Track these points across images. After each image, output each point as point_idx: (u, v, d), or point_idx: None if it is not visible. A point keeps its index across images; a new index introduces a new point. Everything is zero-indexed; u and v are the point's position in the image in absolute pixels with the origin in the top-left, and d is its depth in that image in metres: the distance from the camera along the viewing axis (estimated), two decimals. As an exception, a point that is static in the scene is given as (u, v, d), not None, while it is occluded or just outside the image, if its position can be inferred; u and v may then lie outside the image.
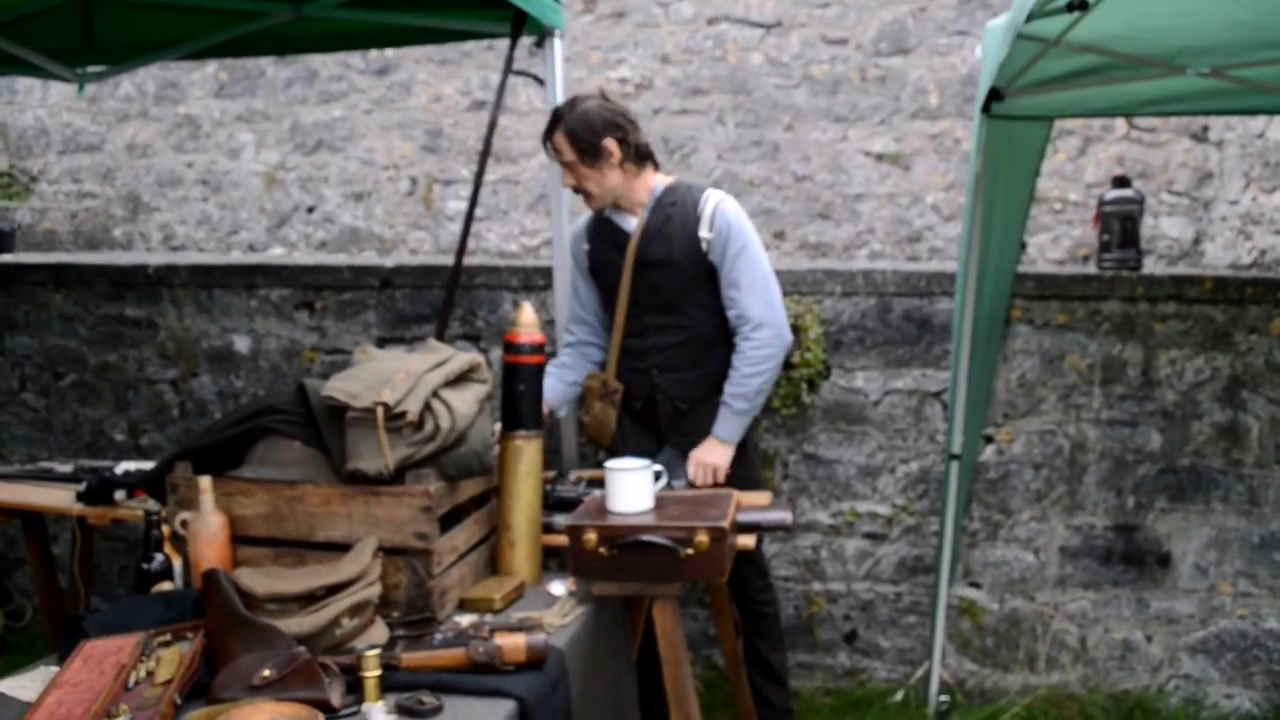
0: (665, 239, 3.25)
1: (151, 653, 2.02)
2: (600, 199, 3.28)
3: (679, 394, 3.33)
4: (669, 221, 3.26)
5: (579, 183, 3.26)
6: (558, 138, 3.21)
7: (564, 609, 2.46)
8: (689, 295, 3.28)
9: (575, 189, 3.29)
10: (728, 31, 5.49)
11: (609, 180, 3.25)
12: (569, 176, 3.26)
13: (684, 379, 3.33)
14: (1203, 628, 4.06)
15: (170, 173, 5.96)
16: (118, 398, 4.61)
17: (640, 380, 3.36)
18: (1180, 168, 5.21)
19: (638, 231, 3.28)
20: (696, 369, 3.32)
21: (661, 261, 3.25)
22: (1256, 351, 3.96)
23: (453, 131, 5.70)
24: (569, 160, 3.22)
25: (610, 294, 3.36)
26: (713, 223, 3.23)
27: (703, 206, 3.25)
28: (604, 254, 3.36)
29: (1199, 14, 2.71)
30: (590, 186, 3.26)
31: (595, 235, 3.40)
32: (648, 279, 3.28)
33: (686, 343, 3.31)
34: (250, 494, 2.40)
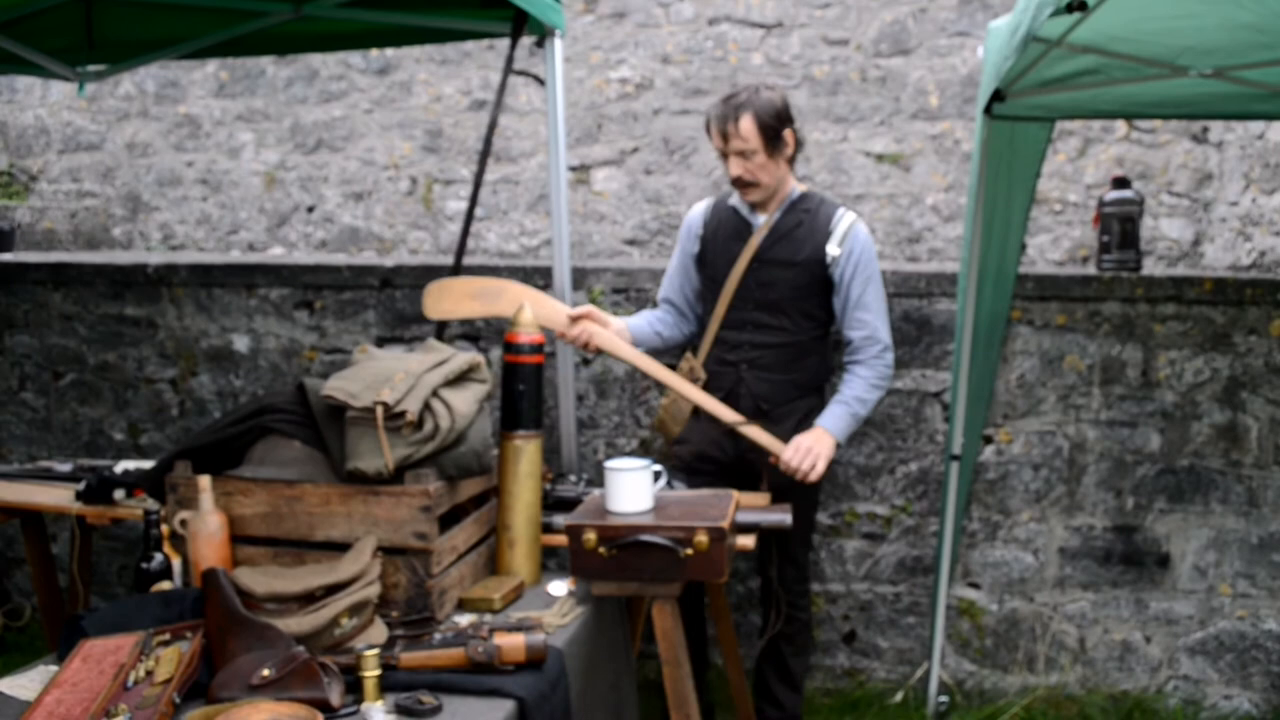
0: (792, 242, 3.30)
1: (150, 652, 2.02)
2: (766, 190, 3.29)
3: (764, 394, 3.33)
4: (799, 227, 3.31)
5: (752, 172, 3.23)
6: (745, 124, 3.17)
7: (563, 609, 2.47)
8: (798, 301, 3.32)
9: (740, 180, 3.25)
10: (728, 32, 5.48)
11: (780, 171, 3.28)
12: (738, 165, 3.22)
13: (773, 380, 3.34)
14: (1202, 629, 4.06)
15: (170, 172, 5.96)
16: (117, 397, 4.61)
17: (727, 373, 3.36)
18: (1180, 169, 5.20)
19: (765, 228, 3.32)
20: (787, 373, 3.35)
21: (783, 263, 3.29)
22: (1256, 353, 3.96)
23: (453, 131, 5.70)
24: (750, 148, 3.19)
25: (715, 283, 3.38)
26: (843, 240, 3.29)
27: (836, 222, 3.31)
28: (721, 243, 3.38)
29: (1200, 16, 2.71)
30: (763, 176, 3.24)
31: (715, 222, 3.42)
32: (762, 276, 3.31)
33: (784, 346, 3.34)
34: (249, 493, 2.40)
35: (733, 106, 3.19)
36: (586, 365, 4.26)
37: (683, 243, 3.50)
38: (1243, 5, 2.61)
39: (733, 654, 3.30)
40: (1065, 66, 3.17)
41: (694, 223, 3.48)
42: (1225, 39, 2.87)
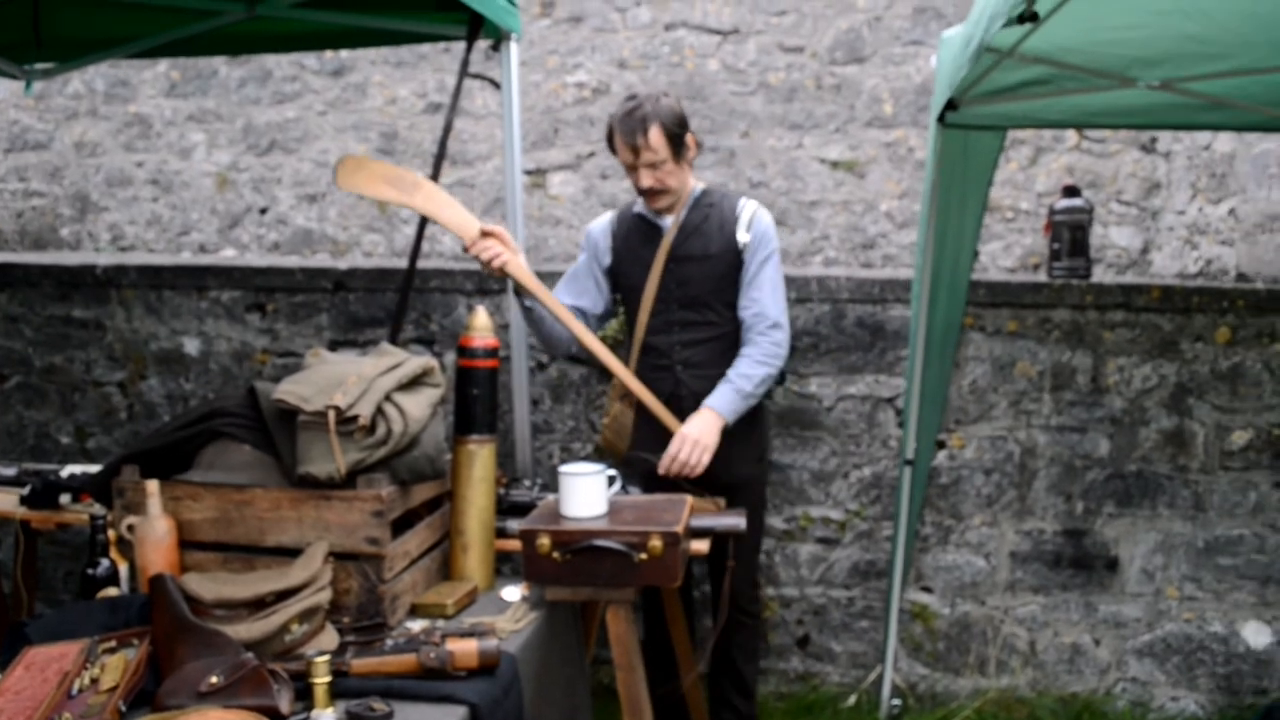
0: (703, 236, 3.31)
1: (96, 659, 1.99)
2: (674, 196, 3.30)
3: (704, 390, 3.28)
4: (707, 220, 3.33)
5: (661, 181, 3.24)
6: (654, 134, 3.18)
7: (517, 614, 2.46)
8: (720, 293, 3.32)
9: (651, 189, 3.25)
10: (685, 38, 5.50)
11: (685, 176, 3.31)
12: (649, 176, 3.23)
13: (710, 376, 3.30)
14: (1149, 631, 4.11)
15: (120, 172, 5.88)
16: (64, 400, 4.54)
17: (664, 377, 3.34)
18: (1129, 178, 5.28)
19: (674, 228, 3.32)
20: (722, 366, 3.31)
21: (697, 257, 3.30)
22: (1202, 359, 4.02)
23: (408, 134, 5.67)
24: (659, 158, 3.20)
25: (634, 292, 3.37)
26: (750, 226, 3.32)
27: (740, 210, 3.34)
28: (632, 250, 3.38)
29: (1150, 28, 2.75)
30: (672, 183, 3.25)
31: (623, 232, 3.42)
32: (679, 274, 3.31)
33: (714, 340, 3.34)
34: (198, 498, 2.37)
35: (638, 119, 3.18)
36: (542, 370, 4.25)
37: (588, 255, 3.47)
38: (1190, 17, 2.66)
39: (686, 658, 3.30)
40: (1017, 76, 3.21)
41: (599, 236, 3.46)
42: (1173, 50, 2.92)
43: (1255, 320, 3.99)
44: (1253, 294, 4.01)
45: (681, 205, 3.34)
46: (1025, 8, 2.20)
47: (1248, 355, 4.00)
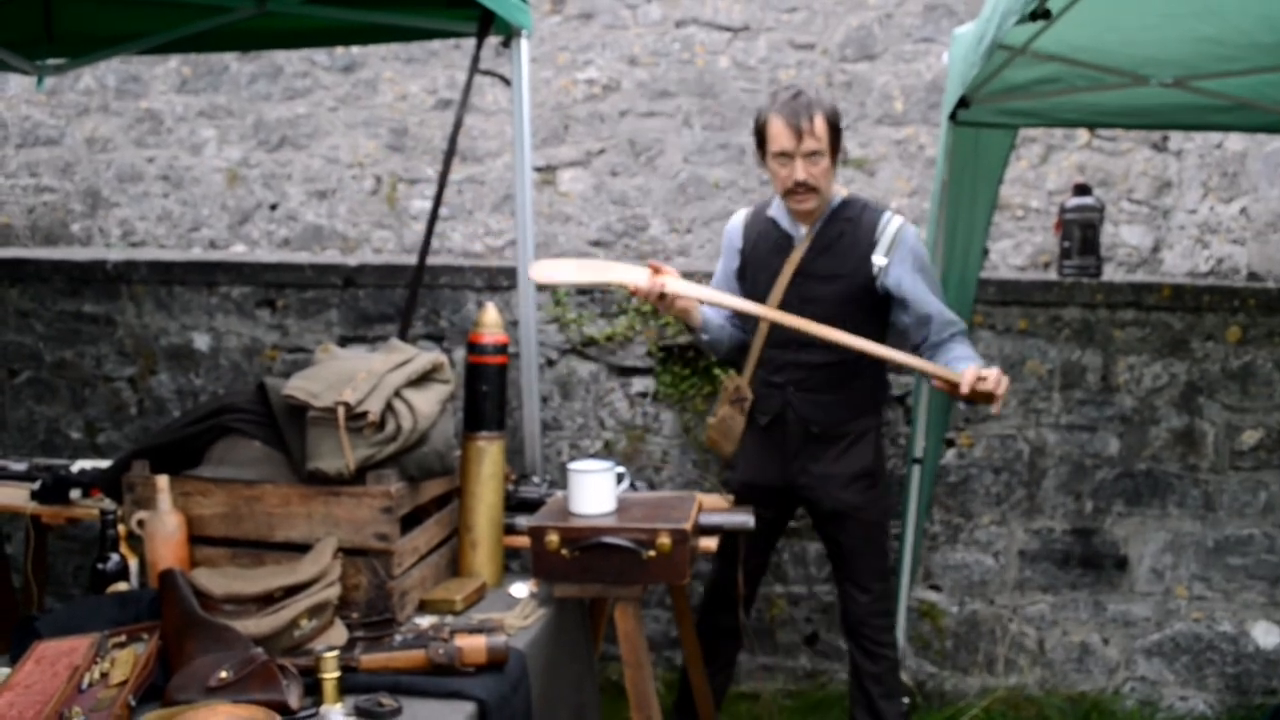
0: (836, 255, 3.07)
1: (106, 654, 2.00)
2: (823, 198, 3.04)
3: (812, 416, 3.10)
4: (842, 238, 3.08)
5: (816, 176, 2.97)
6: (819, 122, 2.93)
7: (525, 611, 2.46)
8: (846, 317, 3.00)
9: (803, 185, 2.97)
10: (695, 34, 5.49)
11: (832, 180, 3.06)
12: (805, 168, 2.95)
13: (821, 402, 3.10)
14: (1158, 630, 4.10)
15: (131, 168, 5.89)
16: (74, 395, 4.55)
17: (773, 395, 3.13)
18: (1140, 176, 5.26)
19: (807, 240, 3.08)
20: (836, 393, 3.11)
21: (827, 277, 3.05)
22: (1213, 358, 4.01)
23: (418, 130, 5.67)
24: (820, 148, 2.95)
25: (757, 300, 3.09)
26: (890, 248, 3.05)
27: (881, 229, 3.06)
28: (762, 257, 3.16)
29: (1162, 28, 2.74)
30: (824, 183, 3.00)
31: (755, 235, 3.20)
32: (805, 292, 3.05)
33: (832, 365, 3.07)
34: (208, 493, 2.37)
35: (804, 104, 2.92)
36: (551, 366, 4.25)
37: (725, 255, 3.29)
38: (1204, 19, 2.65)
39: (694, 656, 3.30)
40: (1029, 74, 3.20)
41: (734, 235, 3.25)
42: (1186, 51, 2.91)
43: (1266, 319, 3.98)
44: (1264, 293, 3.99)
45: (819, 215, 3.09)
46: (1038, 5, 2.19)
47: (1259, 354, 3.99)
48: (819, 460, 3.13)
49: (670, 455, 4.23)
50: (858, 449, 3.15)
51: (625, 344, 4.24)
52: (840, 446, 3.13)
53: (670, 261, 5.39)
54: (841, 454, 3.13)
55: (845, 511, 3.15)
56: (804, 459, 3.13)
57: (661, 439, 4.24)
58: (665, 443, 4.24)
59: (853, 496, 3.16)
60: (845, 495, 3.15)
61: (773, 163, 3.01)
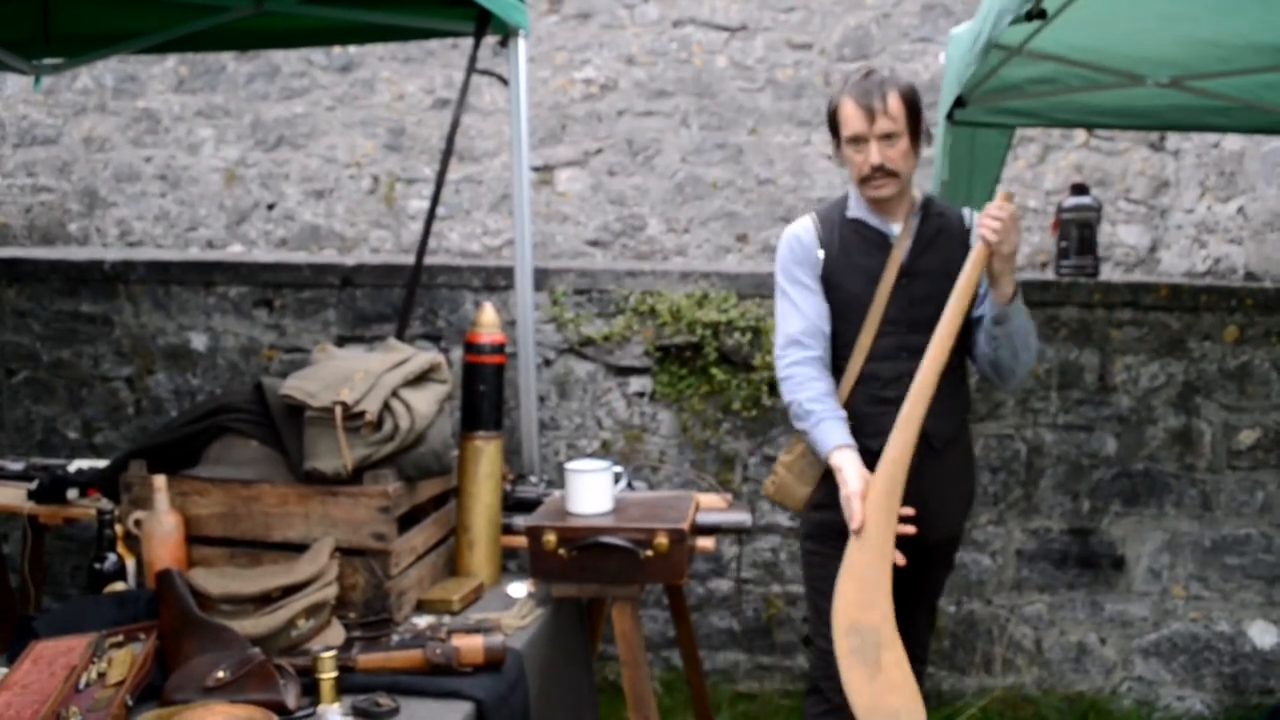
0: (940, 251, 2.76)
1: (103, 654, 2.00)
2: (902, 184, 2.71)
3: (937, 430, 2.71)
4: (941, 234, 2.78)
5: (895, 159, 2.66)
6: (893, 100, 2.64)
7: (523, 610, 2.46)
8: None
9: (879, 169, 2.66)
10: (692, 34, 5.49)
11: (913, 164, 2.73)
12: (882, 151, 2.65)
13: (943, 410, 2.70)
14: (1155, 630, 4.11)
15: (128, 167, 5.89)
16: (71, 395, 4.55)
17: (887, 412, 2.64)
18: (1137, 176, 5.27)
19: (905, 236, 2.75)
20: (953, 399, 2.78)
21: (936, 273, 2.71)
22: (1210, 358, 4.01)
23: (415, 130, 5.67)
24: (898, 129, 2.65)
25: (853, 309, 2.73)
26: (970, 233, 2.79)
27: (969, 222, 2.82)
28: (851, 260, 2.77)
29: (1159, 29, 2.75)
30: (904, 167, 2.68)
31: (835, 238, 2.80)
32: (913, 292, 2.72)
33: (947, 371, 2.67)
34: (206, 493, 2.37)
35: (876, 82, 2.66)
36: (548, 366, 4.25)
37: (799, 273, 2.81)
38: (1200, 20, 2.65)
39: (693, 656, 3.30)
40: (1025, 73, 3.20)
41: (805, 244, 2.81)
42: (1183, 51, 2.92)
43: (1264, 319, 3.98)
44: (1261, 293, 4.00)
45: (908, 210, 2.78)
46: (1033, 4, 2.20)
47: (1256, 354, 3.99)
48: (936, 481, 2.75)
49: (668, 455, 4.23)
50: (968, 463, 2.90)
51: (623, 343, 4.24)
52: (955, 460, 2.81)
53: (667, 261, 5.40)
54: (958, 471, 2.83)
55: (950, 540, 2.88)
56: (915, 483, 2.64)
57: (659, 439, 4.24)
58: (663, 442, 4.24)
59: (957, 526, 2.90)
60: (956, 521, 2.87)
61: (847, 149, 2.71)
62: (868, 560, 2.55)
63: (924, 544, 2.69)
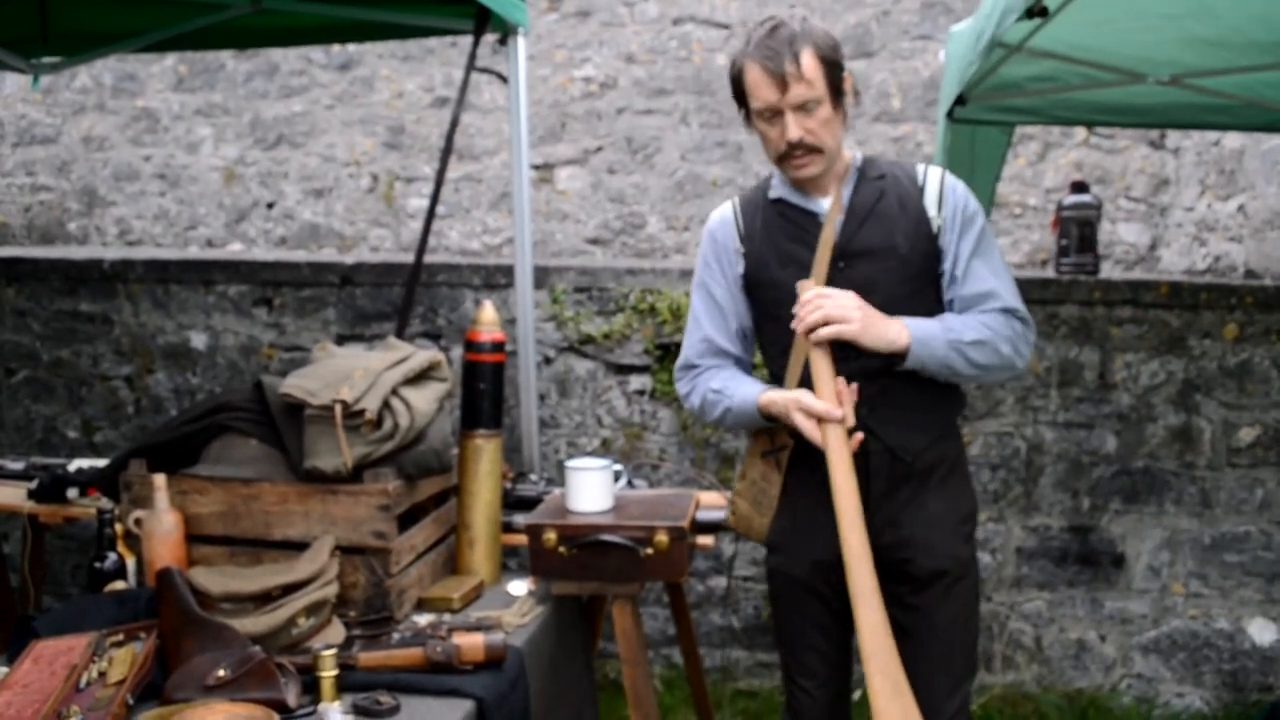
0: (882, 221, 2.30)
1: (104, 653, 1.99)
2: (829, 159, 2.27)
3: (902, 441, 2.28)
4: (883, 199, 2.31)
5: (813, 132, 2.21)
6: (807, 59, 2.19)
7: (523, 608, 2.46)
8: (913, 300, 2.28)
9: (799, 145, 2.22)
10: (692, 32, 5.49)
11: (840, 134, 2.28)
12: (799, 124, 2.21)
13: (909, 419, 2.29)
14: (1155, 627, 4.11)
15: (127, 166, 5.88)
16: (71, 394, 4.54)
17: None
18: (1138, 174, 5.27)
19: (836, 210, 2.29)
20: (921, 404, 2.31)
21: (878, 250, 2.27)
22: (1210, 356, 4.01)
23: (415, 128, 5.67)
24: (814, 95, 2.19)
25: (785, 307, 2.26)
26: (942, 200, 2.31)
27: (925, 179, 2.33)
28: (775, 248, 2.35)
29: (1159, 27, 2.74)
30: (827, 138, 2.23)
31: (756, 224, 2.39)
32: (855, 277, 2.26)
33: (910, 371, 2.27)
34: (206, 492, 2.37)
35: (785, 40, 2.20)
36: (549, 364, 4.25)
37: (711, 269, 2.44)
38: (1201, 18, 2.65)
39: (693, 654, 3.30)
40: (1025, 71, 3.20)
41: (722, 237, 2.43)
42: (1183, 49, 2.91)
43: (1263, 317, 3.98)
44: (1261, 291, 3.99)
45: (841, 179, 2.32)
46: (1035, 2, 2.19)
47: (1255, 352, 3.99)
48: (914, 504, 2.31)
49: (668, 453, 4.23)
50: (956, 480, 2.39)
51: (622, 342, 4.24)
52: (937, 479, 2.34)
53: (667, 259, 5.39)
54: (941, 490, 2.34)
55: (949, 570, 2.32)
56: (891, 507, 2.29)
57: (659, 436, 4.24)
58: (663, 440, 4.24)
59: (960, 547, 2.36)
60: (952, 546, 2.33)
61: (758, 123, 2.28)
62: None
63: (913, 574, 2.30)
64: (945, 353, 2.23)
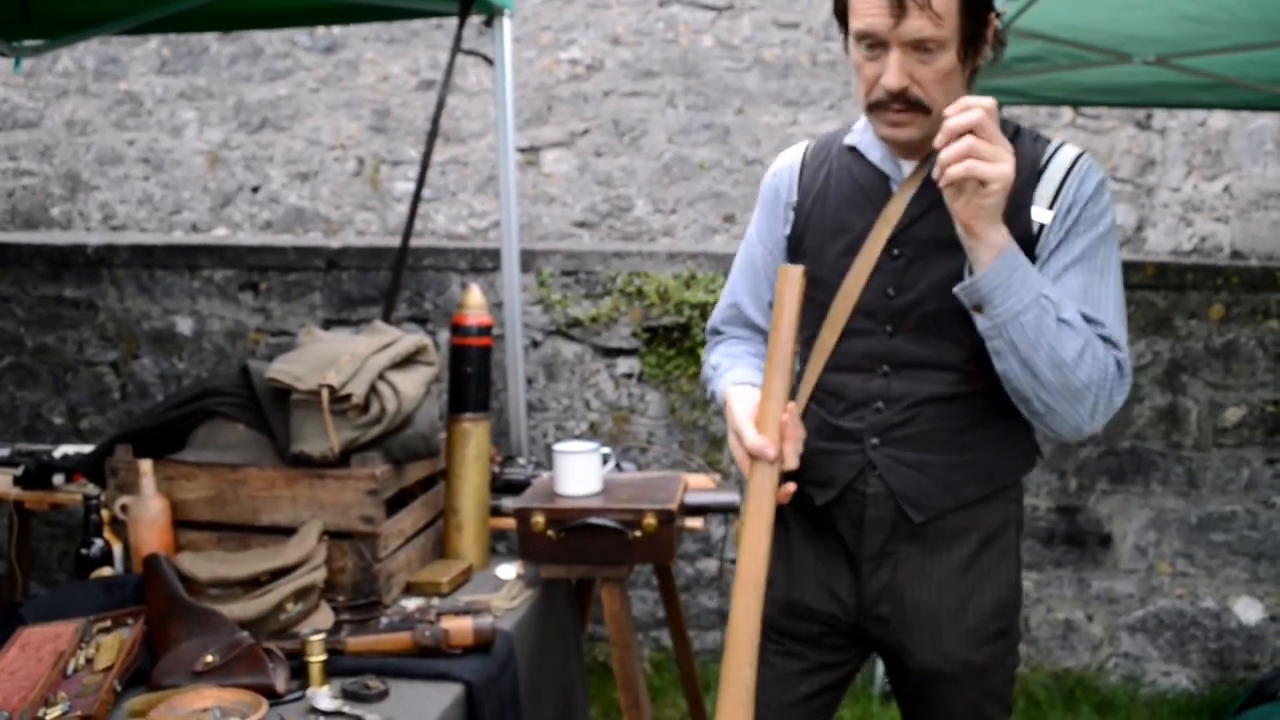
0: None
1: (91, 639, 1.99)
2: (934, 123, 1.63)
3: (912, 493, 1.77)
4: None
5: (923, 83, 1.64)
6: None
7: (512, 592, 2.46)
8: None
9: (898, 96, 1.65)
10: (679, 14, 5.47)
11: (960, 90, 1.69)
12: (905, 68, 1.62)
13: (929, 464, 1.77)
14: (1142, 607, 4.13)
15: (110, 150, 5.84)
16: (56, 380, 4.52)
17: (844, 455, 1.80)
18: (1124, 155, 5.27)
19: (914, 182, 1.75)
20: (954, 450, 1.77)
21: (947, 246, 1.70)
22: (1196, 336, 4.02)
23: (400, 111, 5.64)
24: (939, 35, 1.60)
25: (821, 287, 1.77)
26: (1060, 192, 1.71)
27: (1048, 161, 1.73)
28: (833, 211, 1.83)
29: (1145, 6, 2.75)
30: (938, 94, 1.65)
31: (819, 178, 1.87)
32: (908, 271, 1.76)
33: (949, 400, 1.76)
34: (192, 477, 2.36)
35: None
36: (536, 348, 4.24)
37: (763, 224, 1.96)
38: (1186, -1, 2.66)
39: (682, 637, 3.31)
40: (1012, 52, 3.19)
41: (781, 185, 1.93)
42: (1168, 28, 2.92)
43: (1249, 297, 3.99)
44: (1247, 271, 4.01)
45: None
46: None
47: (1241, 332, 4.00)
48: (922, 576, 1.80)
49: (656, 436, 4.23)
50: (990, 558, 1.81)
51: (610, 325, 4.23)
52: (960, 554, 1.79)
53: (654, 242, 5.38)
54: (963, 568, 1.80)
55: (952, 676, 1.81)
56: (888, 574, 1.81)
57: (647, 420, 4.24)
58: (651, 423, 4.24)
59: (974, 652, 1.80)
60: (962, 648, 1.80)
61: (855, 50, 1.69)
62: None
63: (906, 668, 1.83)
64: (1030, 308, 1.59)
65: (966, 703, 1.83)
